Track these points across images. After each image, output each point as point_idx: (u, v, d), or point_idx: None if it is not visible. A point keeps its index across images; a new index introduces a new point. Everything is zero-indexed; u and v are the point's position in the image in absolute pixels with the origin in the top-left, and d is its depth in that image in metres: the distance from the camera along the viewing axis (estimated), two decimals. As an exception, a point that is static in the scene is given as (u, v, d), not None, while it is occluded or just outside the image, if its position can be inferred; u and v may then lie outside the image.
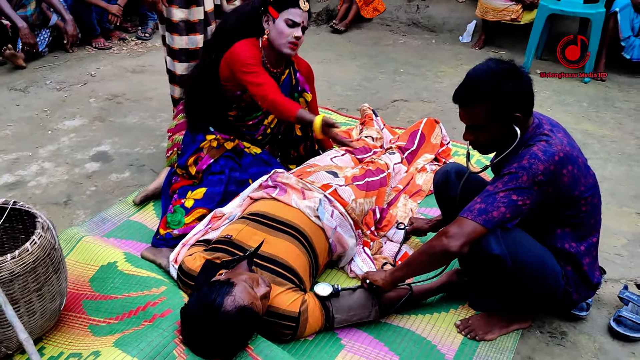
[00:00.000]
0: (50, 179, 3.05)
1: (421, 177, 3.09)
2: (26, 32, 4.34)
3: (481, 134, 1.88)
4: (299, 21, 2.57)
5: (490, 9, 5.35)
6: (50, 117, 3.75)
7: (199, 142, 2.70)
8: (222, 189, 2.57)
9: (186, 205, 2.51)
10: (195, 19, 2.92)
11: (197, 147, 2.69)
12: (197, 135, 2.73)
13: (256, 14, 2.63)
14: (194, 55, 2.97)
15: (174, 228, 2.47)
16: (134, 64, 4.80)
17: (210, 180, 2.60)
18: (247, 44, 2.62)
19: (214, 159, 2.66)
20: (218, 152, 2.68)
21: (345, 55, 5.36)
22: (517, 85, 1.81)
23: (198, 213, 2.50)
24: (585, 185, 1.88)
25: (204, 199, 2.53)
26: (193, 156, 2.68)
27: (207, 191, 2.55)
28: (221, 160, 2.66)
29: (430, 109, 4.20)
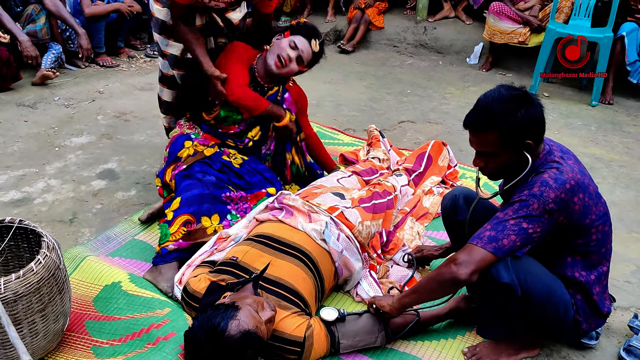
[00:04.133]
0: (57, 196, 3.05)
1: (428, 200, 3.07)
2: (27, 45, 4.36)
3: (491, 161, 1.87)
4: (299, 46, 2.75)
5: (498, 32, 5.37)
6: (57, 134, 3.76)
7: (177, 152, 2.71)
8: (195, 192, 2.52)
9: (167, 218, 2.49)
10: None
11: (175, 157, 2.70)
12: (176, 144, 2.74)
13: (274, 34, 2.81)
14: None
15: (163, 242, 2.45)
16: (142, 82, 4.82)
17: (181, 188, 2.57)
18: (247, 46, 2.78)
19: (187, 165, 2.65)
20: (193, 158, 2.69)
21: (352, 76, 5.38)
22: (529, 112, 1.80)
23: (181, 220, 2.46)
24: (596, 214, 1.86)
25: (181, 206, 2.49)
26: (171, 166, 2.68)
27: (182, 199, 2.51)
28: (195, 166, 2.65)
29: (437, 130, 4.20)
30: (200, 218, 2.47)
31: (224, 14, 2.83)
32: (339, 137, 3.92)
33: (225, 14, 2.83)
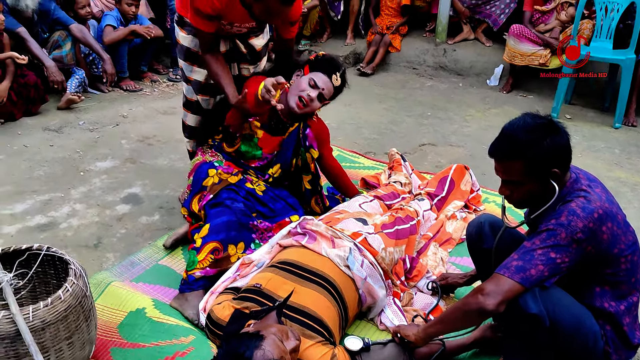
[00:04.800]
0: (82, 221, 3.09)
1: (451, 225, 3.05)
2: (54, 71, 4.46)
3: (517, 190, 1.85)
4: (319, 85, 2.75)
5: (518, 54, 5.36)
6: (82, 158, 3.82)
7: (202, 181, 2.71)
8: (224, 219, 2.53)
9: (196, 245, 2.51)
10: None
11: (201, 186, 2.70)
12: (200, 173, 2.74)
13: (295, 67, 2.81)
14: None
15: (190, 270, 2.46)
16: (165, 106, 4.89)
17: (210, 215, 2.57)
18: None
19: (214, 194, 2.65)
20: (219, 186, 2.68)
21: (372, 98, 5.40)
22: (555, 140, 1.78)
23: (209, 247, 2.46)
24: (625, 243, 1.83)
25: (209, 233, 2.49)
26: (197, 195, 2.69)
27: (211, 226, 2.51)
28: (223, 194, 2.64)
29: (458, 153, 4.18)
30: (227, 246, 2.48)
31: (247, 40, 2.88)
32: (359, 160, 3.92)
33: (248, 40, 2.88)
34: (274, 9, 2.46)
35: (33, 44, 4.44)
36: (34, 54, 4.43)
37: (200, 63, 2.85)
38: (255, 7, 2.50)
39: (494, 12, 5.94)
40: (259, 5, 2.47)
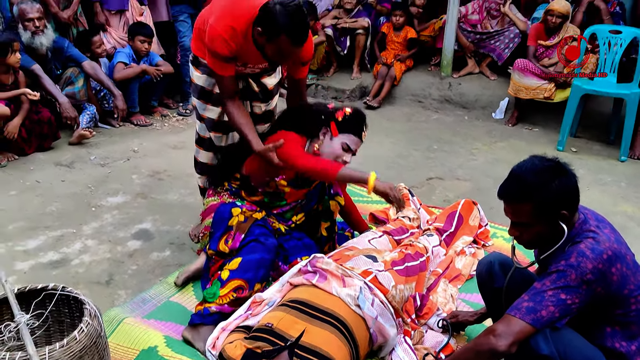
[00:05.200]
0: (93, 257, 3.12)
1: (460, 261, 3.07)
2: (67, 107, 4.55)
3: (527, 231, 1.88)
4: (353, 148, 2.80)
5: (523, 88, 5.43)
6: (94, 194, 3.87)
7: (226, 221, 2.69)
8: (258, 256, 2.55)
9: (222, 277, 2.52)
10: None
11: (226, 226, 2.69)
12: (222, 213, 2.74)
13: (318, 120, 2.80)
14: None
15: (209, 300, 2.48)
16: (175, 140, 4.96)
17: (243, 250, 2.59)
18: (296, 136, 2.75)
19: (245, 233, 2.64)
20: (247, 224, 2.68)
21: (379, 132, 5.45)
22: (563, 182, 1.82)
23: (233, 284, 2.49)
24: (634, 284, 1.85)
25: (239, 269, 2.52)
26: (224, 237, 2.67)
27: (242, 260, 2.53)
28: (255, 230, 2.64)
29: (465, 187, 4.21)
30: (254, 285, 2.50)
31: (260, 79, 2.95)
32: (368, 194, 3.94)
33: (261, 79, 2.96)
34: (285, 50, 2.54)
35: (47, 80, 4.54)
36: (48, 91, 4.53)
37: (213, 101, 2.93)
38: (268, 48, 2.57)
39: (498, 46, 6.04)
40: (271, 46, 2.55)
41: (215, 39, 2.57)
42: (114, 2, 5.39)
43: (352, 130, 2.78)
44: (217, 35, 2.56)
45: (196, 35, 2.88)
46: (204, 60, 2.85)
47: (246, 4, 2.59)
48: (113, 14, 5.45)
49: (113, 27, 5.47)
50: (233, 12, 2.58)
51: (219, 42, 2.57)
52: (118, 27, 5.49)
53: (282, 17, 2.43)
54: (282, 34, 2.46)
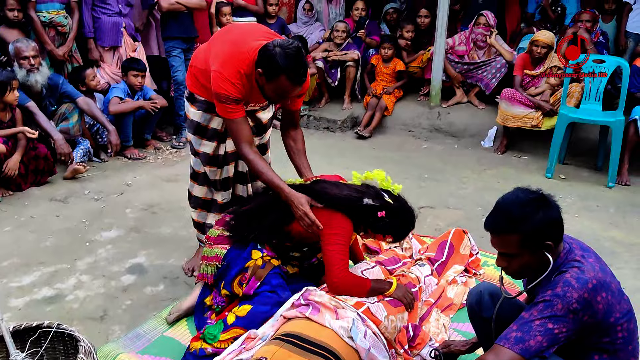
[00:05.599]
0: (88, 293, 3.13)
1: (452, 290, 3.10)
2: (61, 143, 4.59)
3: (513, 262, 1.93)
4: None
5: (511, 116, 5.53)
6: (88, 228, 3.89)
7: (244, 261, 2.68)
8: (267, 308, 2.55)
9: (227, 321, 2.53)
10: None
11: (242, 267, 2.67)
12: (242, 252, 2.71)
13: (362, 214, 2.66)
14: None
15: (208, 341, 2.49)
16: (169, 173, 5.00)
17: (258, 299, 2.59)
18: (350, 226, 2.64)
19: (261, 280, 2.64)
20: (264, 271, 2.66)
21: (370, 161, 5.51)
22: (547, 214, 1.87)
23: (236, 332, 2.50)
24: (620, 312, 1.88)
25: (247, 317, 2.53)
26: (238, 277, 2.67)
27: (252, 310, 2.55)
28: (273, 280, 2.63)
29: (456, 215, 4.26)
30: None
31: (255, 114, 3.03)
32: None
33: (256, 114, 3.03)
34: (285, 89, 2.63)
35: (41, 117, 4.60)
36: (42, 127, 4.58)
37: (209, 137, 3.01)
38: (267, 87, 2.66)
39: (486, 76, 6.17)
40: (271, 85, 2.63)
41: (225, 83, 2.65)
42: (108, 38, 5.50)
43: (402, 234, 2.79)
44: (226, 79, 2.65)
45: (192, 73, 2.96)
46: (200, 97, 2.93)
47: (246, 47, 2.68)
48: (107, 50, 5.55)
49: (107, 63, 5.57)
50: (236, 56, 2.67)
51: (229, 85, 2.65)
52: (112, 62, 5.59)
53: (282, 59, 2.53)
54: (282, 74, 2.56)
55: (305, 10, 7.20)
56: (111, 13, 5.45)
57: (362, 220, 2.67)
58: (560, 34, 6.09)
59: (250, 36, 2.78)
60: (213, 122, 3.00)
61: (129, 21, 5.59)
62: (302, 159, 3.04)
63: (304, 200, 2.63)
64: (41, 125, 4.58)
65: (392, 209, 2.68)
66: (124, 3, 5.50)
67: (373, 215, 2.64)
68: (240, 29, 2.98)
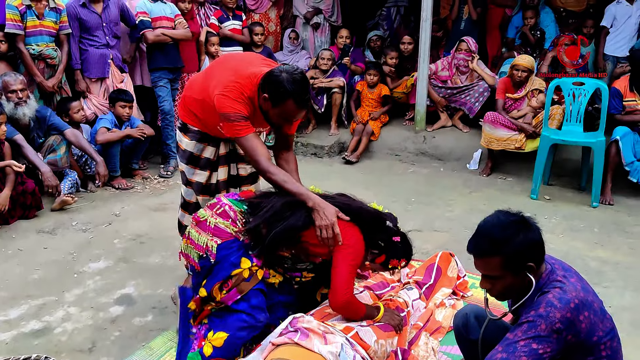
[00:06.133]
0: (76, 325, 3.11)
1: (440, 313, 3.12)
2: (49, 176, 4.59)
3: (497, 283, 1.96)
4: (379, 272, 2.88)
5: (495, 139, 5.62)
6: (76, 260, 3.88)
7: (231, 267, 2.55)
8: (244, 334, 2.53)
9: (204, 352, 2.52)
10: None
11: (229, 275, 2.55)
12: (231, 254, 2.57)
13: (380, 235, 2.69)
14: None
15: None
16: (156, 203, 5.01)
17: (233, 323, 2.54)
18: (362, 251, 2.64)
19: (242, 294, 2.56)
20: (248, 285, 2.56)
21: (358, 186, 5.54)
22: (528, 236, 1.91)
23: None
24: (603, 330, 1.92)
25: (224, 347, 2.51)
26: (220, 282, 2.57)
27: (229, 338, 2.52)
28: (253, 299, 2.57)
29: (444, 238, 4.29)
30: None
31: None
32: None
33: None
34: (291, 113, 2.70)
35: (29, 150, 4.61)
36: (30, 160, 4.59)
37: (202, 166, 3.05)
38: (272, 112, 2.72)
39: (469, 100, 6.27)
40: (276, 110, 2.69)
41: (232, 103, 2.68)
42: (95, 70, 5.54)
43: (387, 269, 2.78)
44: (232, 100, 2.69)
45: (185, 103, 3.02)
46: (193, 127, 2.99)
47: (248, 73, 2.75)
48: (94, 82, 5.59)
49: (93, 94, 5.60)
50: (239, 81, 2.72)
51: (236, 104, 2.69)
52: (98, 93, 5.62)
53: (289, 84, 2.60)
54: (290, 99, 2.62)
55: (291, 38, 7.31)
56: (98, 45, 5.50)
57: (377, 243, 2.67)
58: (540, 57, 6.23)
59: (250, 63, 2.85)
60: (206, 151, 3.05)
61: (116, 52, 5.65)
62: (295, 177, 2.98)
63: (333, 210, 2.58)
64: (29, 158, 4.59)
65: (404, 237, 2.74)
66: (111, 35, 5.57)
67: (390, 239, 2.67)
68: (237, 58, 3.05)
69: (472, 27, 6.91)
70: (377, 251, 2.68)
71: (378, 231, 2.68)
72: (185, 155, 3.05)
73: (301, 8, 7.48)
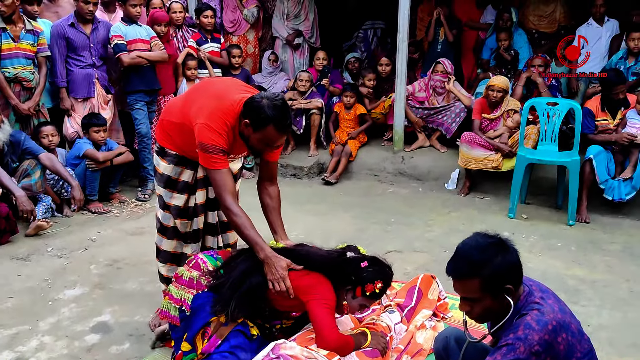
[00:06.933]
0: (50, 355, 3.04)
1: (421, 335, 3.10)
2: (23, 200, 4.49)
3: (475, 306, 1.96)
4: (369, 305, 2.81)
5: (472, 159, 5.67)
6: (51, 287, 3.80)
7: (208, 316, 2.63)
8: None
9: None
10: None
11: (206, 322, 2.63)
12: (207, 303, 2.65)
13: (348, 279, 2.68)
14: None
15: None
16: (134, 227, 4.95)
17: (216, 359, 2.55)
18: (331, 290, 2.66)
19: (222, 338, 2.60)
20: (227, 329, 2.62)
21: (337, 207, 5.56)
22: (506, 258, 1.93)
23: None
24: (581, 352, 1.93)
25: None
26: (201, 331, 2.63)
27: None
28: (232, 339, 2.58)
29: (423, 259, 4.30)
30: None
31: None
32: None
33: None
34: (272, 138, 2.73)
35: (3, 175, 4.53)
36: (4, 185, 4.50)
37: (179, 189, 3.04)
38: (253, 137, 2.74)
39: (446, 121, 6.34)
40: (257, 135, 2.72)
41: (213, 134, 2.69)
42: (80, 90, 5.51)
43: (375, 297, 2.75)
44: (214, 131, 2.70)
45: (163, 127, 3.01)
46: (170, 150, 2.98)
47: (230, 100, 2.76)
48: (79, 101, 5.54)
49: (78, 113, 5.53)
50: (222, 109, 2.73)
51: (217, 136, 2.70)
52: (83, 113, 5.53)
53: (270, 110, 2.63)
54: (270, 124, 2.65)
55: (270, 60, 7.34)
56: (84, 65, 5.48)
57: (347, 278, 2.67)
58: (514, 78, 6.34)
59: (231, 89, 2.87)
60: (184, 175, 3.03)
61: (102, 73, 5.63)
62: (276, 217, 3.04)
63: (284, 264, 2.64)
64: (3, 183, 4.51)
65: (371, 258, 2.75)
66: (97, 56, 5.55)
67: (357, 267, 2.67)
68: (218, 84, 3.06)
69: (448, 49, 7.02)
70: (350, 286, 2.68)
71: (343, 269, 2.69)
72: (163, 179, 3.03)
73: (280, 30, 7.53)
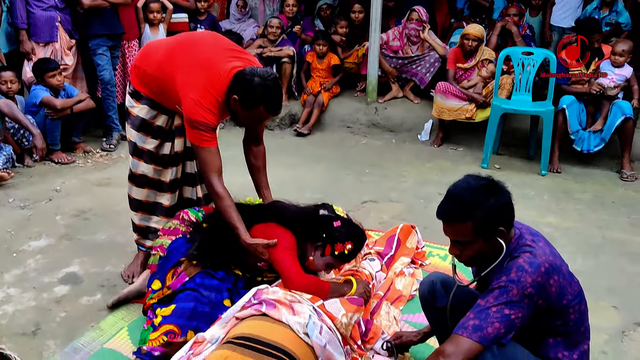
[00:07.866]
0: (17, 307, 2.91)
1: (400, 282, 3.09)
2: None
3: (467, 249, 1.91)
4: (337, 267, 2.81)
5: (446, 109, 5.62)
6: (14, 238, 3.63)
7: (181, 255, 2.67)
8: (192, 305, 2.51)
9: (154, 323, 2.49)
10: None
11: (178, 260, 2.65)
12: (184, 245, 2.70)
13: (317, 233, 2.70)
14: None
15: (140, 345, 2.45)
16: (100, 177, 4.76)
17: (179, 297, 2.55)
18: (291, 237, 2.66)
19: (190, 277, 2.61)
20: (196, 269, 2.64)
21: (311, 159, 5.47)
22: (498, 199, 1.87)
23: (164, 329, 2.45)
24: (571, 294, 1.91)
25: (172, 315, 2.48)
26: (171, 270, 2.64)
27: (175, 308, 2.50)
28: (197, 278, 2.61)
29: (399, 208, 4.27)
30: (187, 332, 2.43)
31: None
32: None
33: None
34: (260, 117, 2.68)
35: None
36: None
37: (154, 134, 2.90)
38: (242, 114, 2.65)
39: (420, 71, 6.24)
40: (246, 113, 2.63)
41: (205, 112, 2.59)
42: (43, 34, 5.19)
43: (343, 259, 2.72)
44: (206, 108, 2.59)
45: (139, 74, 2.84)
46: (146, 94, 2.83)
47: (219, 71, 2.61)
48: (41, 46, 5.22)
49: (38, 57, 5.20)
50: (211, 82, 2.60)
51: (208, 114, 2.60)
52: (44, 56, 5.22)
53: (262, 91, 2.53)
54: (261, 105, 2.57)
55: (238, 6, 7.06)
56: (46, 7, 5.15)
57: (317, 234, 2.69)
58: (489, 27, 6.25)
59: (218, 55, 2.70)
60: (159, 119, 2.90)
61: (66, 16, 5.30)
62: (261, 177, 3.03)
63: (261, 249, 2.61)
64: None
65: (345, 220, 2.76)
66: (60, -3, 5.23)
67: (329, 225, 2.68)
68: (204, 46, 2.78)
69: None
70: (321, 242, 2.68)
71: (316, 225, 2.71)
72: (137, 121, 2.88)
73: (250, -26, 7.23)
